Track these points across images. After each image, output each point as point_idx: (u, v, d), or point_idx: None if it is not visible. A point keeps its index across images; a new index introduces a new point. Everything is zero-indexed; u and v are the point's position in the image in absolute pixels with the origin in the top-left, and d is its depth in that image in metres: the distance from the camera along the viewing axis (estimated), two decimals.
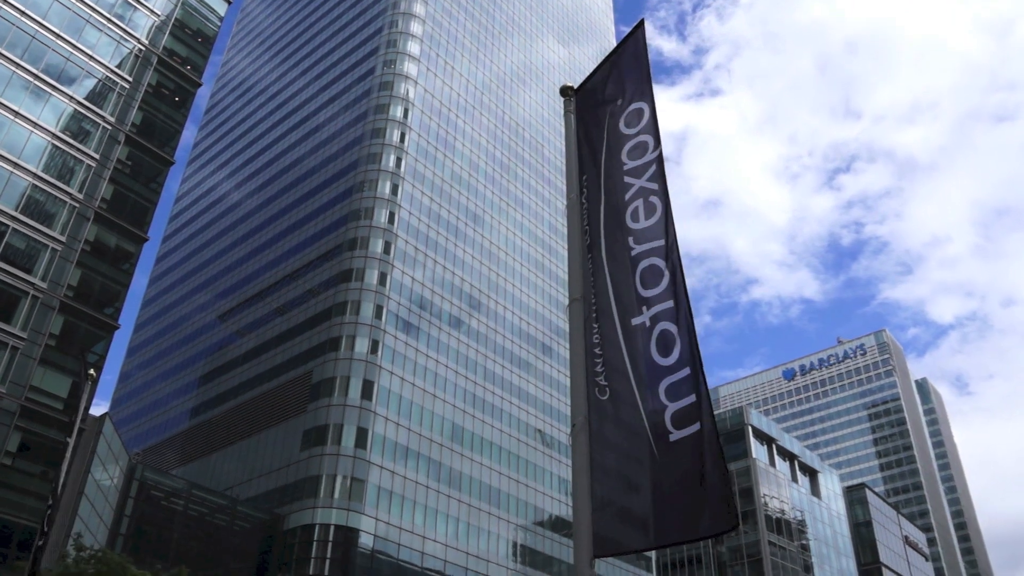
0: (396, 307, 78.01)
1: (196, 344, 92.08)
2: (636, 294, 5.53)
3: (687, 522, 4.72)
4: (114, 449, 59.16)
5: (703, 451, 4.79)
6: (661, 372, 5.18)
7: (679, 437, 4.93)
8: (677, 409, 4.99)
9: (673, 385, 5.08)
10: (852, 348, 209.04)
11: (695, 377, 5.02)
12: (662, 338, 5.26)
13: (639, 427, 5.09)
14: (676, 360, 5.13)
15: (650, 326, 5.41)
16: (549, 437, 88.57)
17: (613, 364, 5.40)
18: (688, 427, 4.90)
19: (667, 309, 5.36)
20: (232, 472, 76.49)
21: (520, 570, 78.77)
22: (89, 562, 33.60)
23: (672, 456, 4.89)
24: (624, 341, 5.40)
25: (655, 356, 5.25)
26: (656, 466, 4.92)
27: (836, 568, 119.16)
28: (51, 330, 50.53)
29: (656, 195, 5.78)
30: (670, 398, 5.05)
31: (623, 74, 6.47)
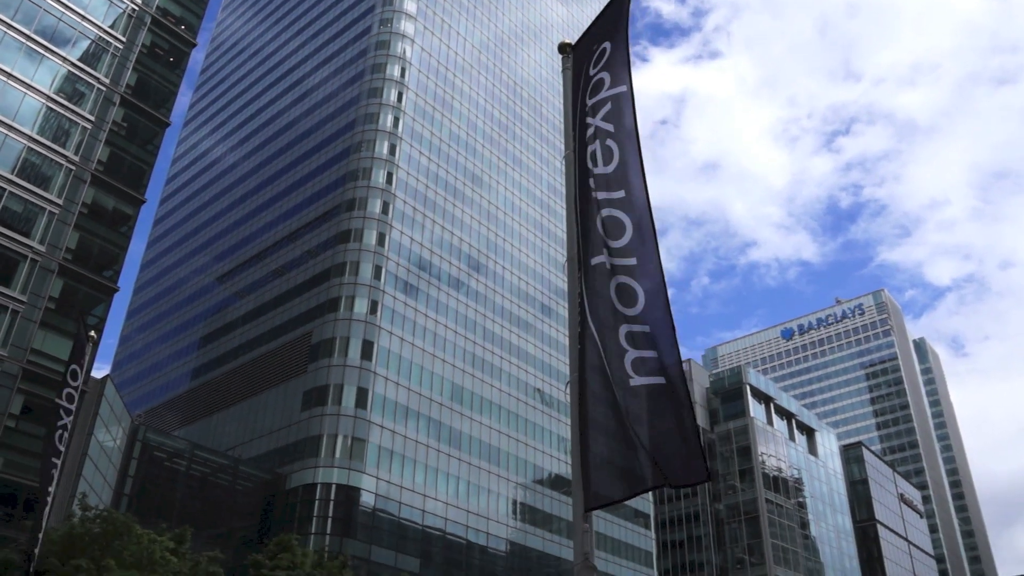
0: (395, 268, 78.06)
1: (196, 306, 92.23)
2: (598, 236, 5.48)
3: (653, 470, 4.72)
4: (116, 411, 59.54)
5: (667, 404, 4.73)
6: (621, 318, 5.10)
7: (639, 383, 4.88)
8: (637, 357, 4.92)
9: (632, 334, 4.99)
10: (850, 308, 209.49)
11: (658, 334, 4.88)
12: (622, 289, 5.19)
13: (602, 370, 5.07)
14: (638, 313, 5.04)
15: (610, 270, 5.35)
16: (548, 396, 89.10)
17: (588, 309, 5.40)
18: (650, 377, 4.85)
19: (628, 266, 5.26)
20: (233, 433, 77.05)
21: (520, 528, 79.67)
22: (95, 521, 33.96)
23: (633, 401, 4.86)
24: (586, 282, 5.38)
25: (615, 301, 5.18)
26: (620, 411, 4.90)
27: (832, 525, 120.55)
28: (50, 293, 50.60)
29: (612, 138, 5.61)
30: (631, 344, 4.99)
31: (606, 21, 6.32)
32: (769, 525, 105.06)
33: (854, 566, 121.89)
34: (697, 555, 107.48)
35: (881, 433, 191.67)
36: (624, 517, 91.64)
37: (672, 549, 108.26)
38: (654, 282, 5.10)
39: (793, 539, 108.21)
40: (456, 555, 73.01)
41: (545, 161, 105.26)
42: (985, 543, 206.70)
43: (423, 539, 70.80)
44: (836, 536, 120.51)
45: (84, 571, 29.32)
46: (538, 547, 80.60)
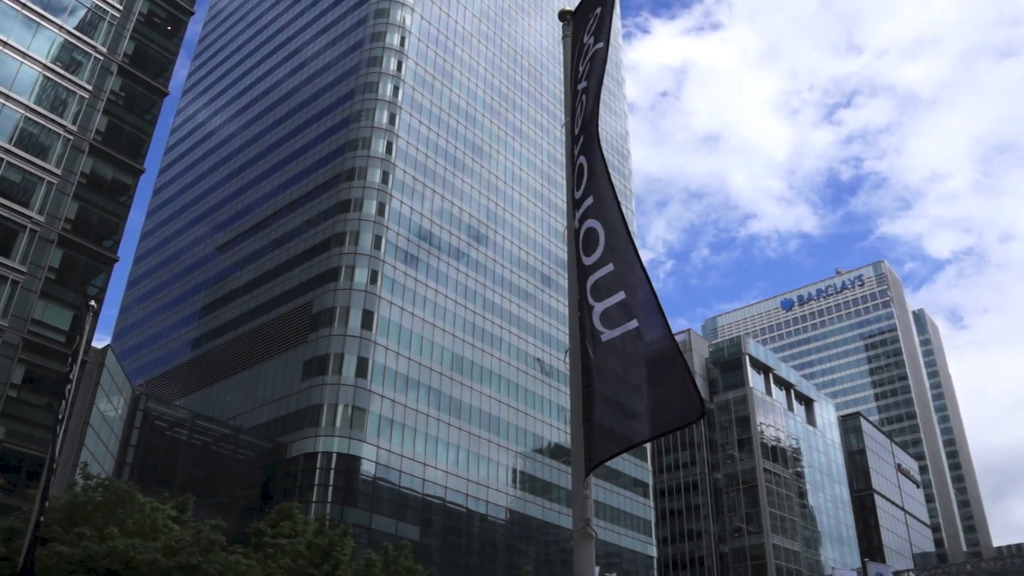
0: (395, 237, 77.98)
1: (195, 276, 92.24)
2: (573, 198, 5.49)
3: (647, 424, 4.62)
4: (117, 381, 59.72)
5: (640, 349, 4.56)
6: (586, 271, 4.99)
7: (612, 336, 4.73)
8: (604, 308, 4.74)
9: (597, 283, 4.82)
10: (850, 279, 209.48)
11: (621, 272, 4.77)
12: (587, 236, 5.07)
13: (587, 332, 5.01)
14: (598, 257, 4.87)
15: (578, 227, 5.32)
16: (548, 366, 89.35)
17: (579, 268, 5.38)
18: (621, 326, 4.67)
19: (590, 206, 5.17)
20: (234, 402, 77.35)
21: (520, 496, 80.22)
22: (97, 490, 34.17)
23: (614, 356, 4.70)
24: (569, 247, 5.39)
25: (582, 256, 5.10)
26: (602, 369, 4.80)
27: (830, 495, 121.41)
28: (50, 263, 50.58)
29: (587, 92, 5.56)
30: (595, 297, 4.83)
31: None
32: (767, 494, 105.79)
33: (851, 535, 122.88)
34: (695, 524, 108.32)
35: (879, 404, 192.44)
36: (623, 486, 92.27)
37: (671, 518, 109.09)
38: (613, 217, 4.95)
39: (791, 508, 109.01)
40: (456, 523, 73.60)
41: (545, 131, 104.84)
42: (980, 513, 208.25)
43: (423, 507, 71.33)
44: (833, 505, 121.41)
45: (87, 539, 29.55)
46: (537, 515, 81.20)
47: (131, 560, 29.24)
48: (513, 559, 74.27)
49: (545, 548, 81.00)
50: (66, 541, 29.43)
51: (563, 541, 79.96)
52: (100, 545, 29.34)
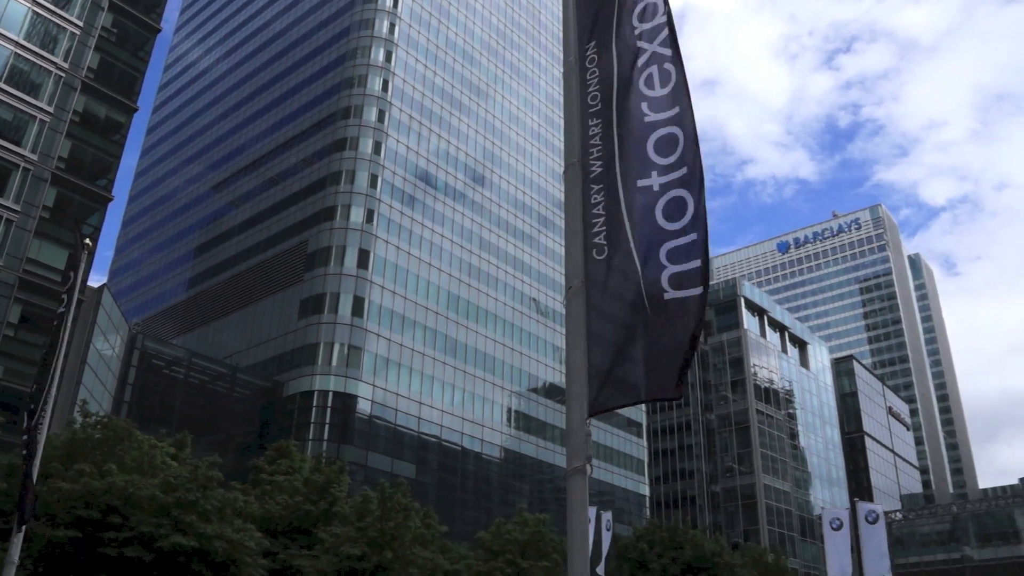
0: (392, 177, 77.56)
1: (190, 215, 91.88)
2: (647, 158, 5.49)
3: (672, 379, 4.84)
4: (114, 319, 59.85)
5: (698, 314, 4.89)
6: (665, 236, 5.21)
7: (674, 296, 5.00)
8: (677, 272, 5.03)
9: (676, 249, 5.11)
10: (847, 222, 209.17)
11: (702, 244, 5.07)
12: (673, 203, 5.26)
13: (635, 285, 5.14)
14: (684, 226, 5.15)
15: (659, 191, 5.40)
16: (544, 307, 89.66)
17: (613, 225, 5.41)
18: (688, 289, 4.98)
19: (681, 176, 5.35)
20: (231, 341, 77.67)
21: (515, 435, 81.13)
22: (95, 427, 34.44)
23: (665, 315, 4.97)
24: (626, 202, 5.40)
25: (660, 220, 5.26)
26: (648, 324, 5.00)
27: (821, 436, 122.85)
28: (44, 202, 50.29)
29: (670, 62, 5.66)
30: (671, 260, 5.10)
31: None
32: (759, 435, 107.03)
33: (840, 476, 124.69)
34: (688, 463, 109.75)
35: (872, 347, 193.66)
36: (617, 426, 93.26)
37: (663, 457, 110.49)
38: (699, 191, 5.26)
39: (782, 449, 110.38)
40: (451, 461, 74.51)
41: (544, 70, 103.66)
42: (968, 456, 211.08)
43: (419, 446, 72.14)
44: (824, 447, 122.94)
45: (87, 475, 29.87)
46: (532, 454, 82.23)
47: (130, 496, 29.59)
48: (508, 497, 75.36)
49: (539, 486, 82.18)
50: (66, 477, 29.75)
51: (557, 479, 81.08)
52: (100, 481, 29.67)
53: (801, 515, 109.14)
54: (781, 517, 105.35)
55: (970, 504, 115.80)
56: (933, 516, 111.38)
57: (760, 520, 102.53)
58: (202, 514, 30.42)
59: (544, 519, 47.20)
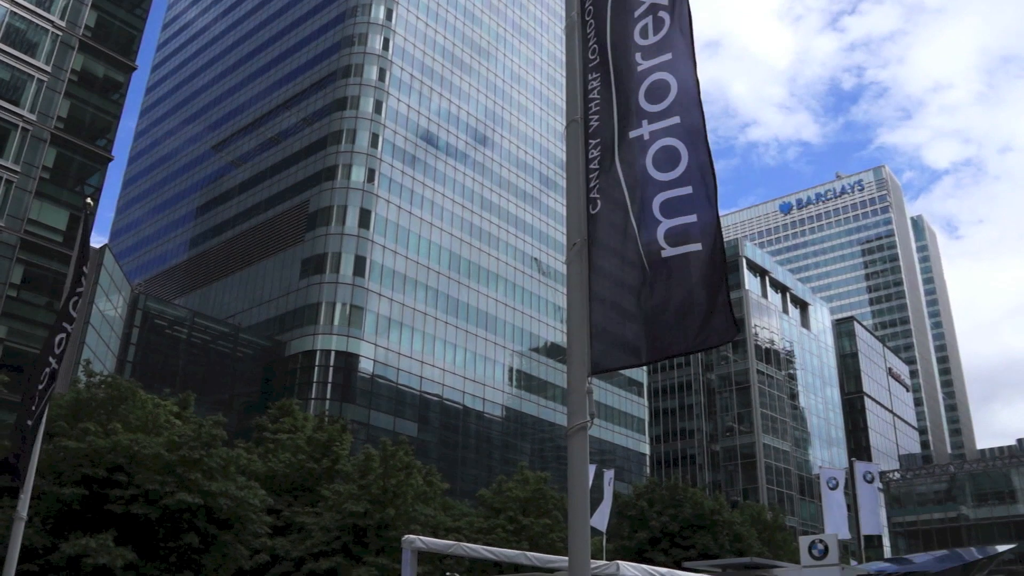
0: (393, 136, 77.20)
1: (191, 175, 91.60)
2: (638, 108, 5.42)
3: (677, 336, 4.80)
4: (116, 280, 59.96)
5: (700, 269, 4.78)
6: (657, 187, 5.10)
7: (673, 254, 4.91)
8: (673, 226, 4.91)
9: (670, 202, 4.98)
10: (850, 184, 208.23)
11: (699, 196, 4.92)
12: (663, 153, 5.15)
13: (632, 243, 5.09)
14: (677, 177, 5.04)
15: (648, 139, 5.31)
16: (546, 266, 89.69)
17: (609, 180, 5.37)
18: (686, 245, 4.86)
19: (672, 125, 5.24)
20: (233, 301, 77.84)
21: (516, 394, 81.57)
22: (100, 387, 34.66)
23: (665, 273, 4.89)
24: (620, 156, 5.35)
25: (651, 170, 5.17)
26: (648, 283, 4.94)
27: (821, 397, 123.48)
28: (44, 163, 50.13)
29: (665, 10, 5.57)
30: (665, 215, 4.99)
31: None
32: (759, 395, 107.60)
33: (840, 436, 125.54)
34: (688, 423, 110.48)
35: (873, 308, 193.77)
36: (618, 385, 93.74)
37: (664, 416, 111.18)
38: (698, 141, 5.11)
39: (782, 409, 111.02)
40: (453, 420, 75.04)
41: (546, 28, 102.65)
42: (967, 417, 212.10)
43: (421, 404, 72.60)
44: (824, 407, 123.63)
45: (92, 434, 30.11)
46: (533, 413, 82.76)
47: (135, 454, 29.87)
48: (509, 455, 75.99)
49: (540, 445, 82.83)
50: (72, 436, 30.01)
51: (558, 438, 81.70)
52: (105, 440, 29.92)
53: (800, 474, 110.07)
54: (780, 476, 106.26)
55: (967, 464, 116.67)
56: (931, 476, 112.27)
57: (759, 479, 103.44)
58: (206, 472, 30.72)
59: (545, 477, 47.61)
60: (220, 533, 31.57)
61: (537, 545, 39.29)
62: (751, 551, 54.11)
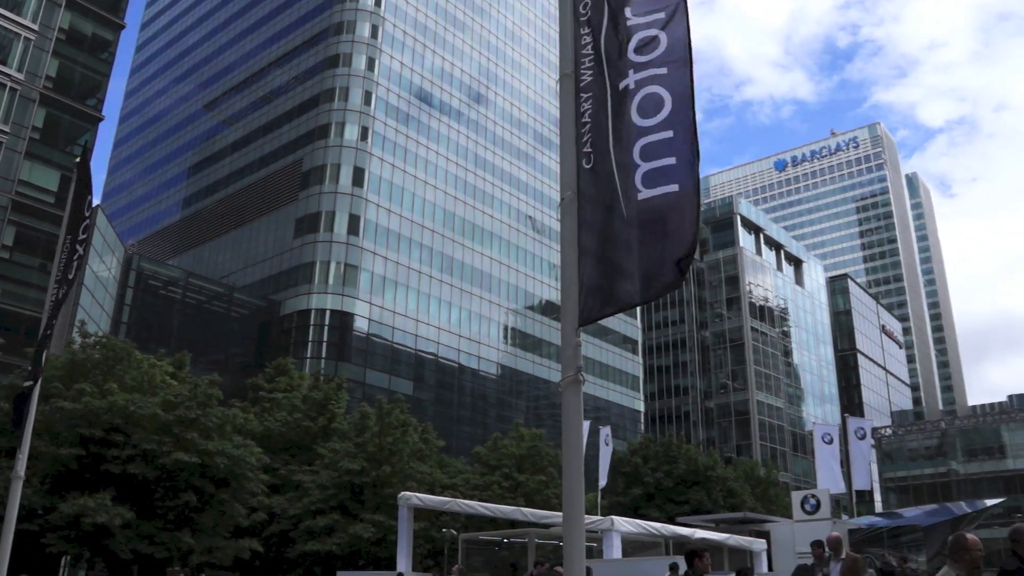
0: (386, 94, 76.55)
1: (183, 135, 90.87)
2: (627, 60, 5.41)
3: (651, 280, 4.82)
4: (109, 241, 59.73)
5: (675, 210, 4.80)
6: (639, 132, 5.11)
7: (648, 196, 4.93)
8: (650, 168, 4.93)
9: (650, 145, 4.99)
10: (845, 141, 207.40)
11: (679, 141, 4.93)
12: (647, 100, 5.15)
13: (612, 189, 5.12)
14: (659, 122, 5.05)
15: (634, 88, 5.30)
16: (540, 224, 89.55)
17: (599, 133, 5.37)
18: (661, 187, 4.89)
19: (658, 75, 5.24)
20: (227, 261, 77.69)
21: (510, 352, 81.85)
22: (95, 348, 34.71)
23: (639, 216, 4.91)
24: (611, 106, 5.34)
25: (634, 117, 5.17)
26: (625, 227, 4.97)
27: (814, 354, 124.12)
28: (34, 123, 49.64)
29: None
30: (644, 158, 5.01)
31: None
32: (753, 352, 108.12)
33: (833, 393, 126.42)
34: (682, 380, 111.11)
35: (867, 266, 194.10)
36: (613, 343, 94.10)
37: (658, 374, 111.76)
38: (683, 90, 5.11)
39: (776, 366, 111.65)
40: (448, 378, 75.36)
41: None
42: (959, 374, 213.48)
43: (416, 363, 72.84)
44: (818, 364, 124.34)
45: (88, 394, 30.22)
46: (528, 370, 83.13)
47: (132, 415, 30.00)
48: (504, 412, 76.46)
49: (535, 402, 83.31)
50: (68, 397, 30.10)
51: (553, 395, 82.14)
52: (101, 401, 30.04)
53: (793, 431, 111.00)
54: (773, 432, 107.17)
55: (958, 421, 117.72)
56: (922, 432, 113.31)
57: (753, 435, 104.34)
58: (203, 431, 30.91)
59: (540, 434, 47.98)
60: (217, 492, 31.85)
61: (532, 501, 39.70)
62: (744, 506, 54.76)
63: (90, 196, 11.32)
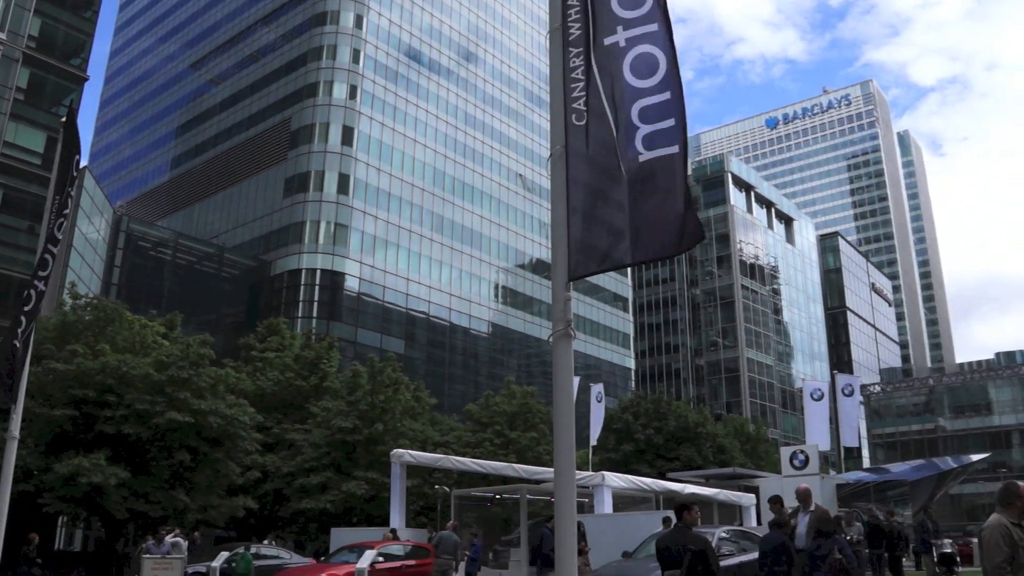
0: (374, 51, 75.79)
1: (170, 95, 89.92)
2: (612, 14, 5.38)
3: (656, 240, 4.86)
4: (97, 202, 59.35)
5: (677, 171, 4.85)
6: (636, 93, 5.12)
7: (649, 157, 4.96)
8: (651, 131, 4.96)
9: (649, 108, 5.01)
10: (837, 98, 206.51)
11: (676, 102, 4.98)
12: (641, 60, 5.15)
13: (611, 149, 5.12)
14: (656, 84, 5.06)
15: (625, 47, 5.28)
16: (531, 182, 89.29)
17: (590, 89, 5.36)
18: (662, 148, 4.92)
19: (649, 32, 5.22)
20: (216, 221, 77.37)
21: (501, 310, 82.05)
22: (86, 309, 34.66)
23: (641, 177, 4.95)
24: (597, 63, 5.34)
25: (628, 77, 5.18)
26: (624, 188, 5.00)
27: (804, 312, 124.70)
28: (17, 83, 48.98)
29: None
30: (644, 120, 5.03)
31: None
32: (743, 310, 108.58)
33: (822, 350, 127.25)
34: (673, 337, 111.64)
35: (858, 224, 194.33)
36: (604, 300, 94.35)
37: (649, 331, 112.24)
38: (671, 48, 5.14)
39: (766, 324, 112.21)
40: (440, 337, 75.56)
41: None
42: (947, 332, 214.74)
43: (407, 322, 72.97)
44: (808, 322, 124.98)
45: (80, 356, 30.22)
46: (519, 328, 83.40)
47: (124, 375, 30.04)
48: (495, 370, 76.80)
49: (526, 360, 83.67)
50: (60, 359, 30.11)
51: (544, 353, 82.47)
52: (93, 361, 30.05)
53: (783, 388, 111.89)
54: (763, 390, 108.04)
55: (946, 378, 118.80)
56: (910, 389, 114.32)
57: (743, 392, 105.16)
58: (196, 391, 30.99)
59: (532, 392, 48.25)
60: (211, 451, 32.02)
61: (524, 458, 40.05)
62: (734, 462, 55.34)
63: (78, 156, 11.26)
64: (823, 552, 10.71)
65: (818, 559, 10.75)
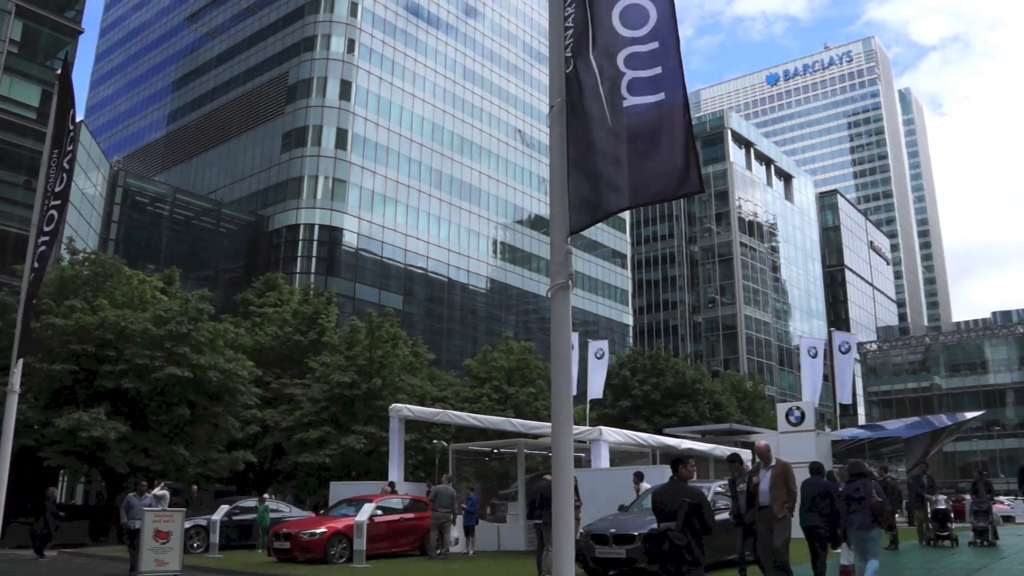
0: (372, 4, 74.88)
1: (165, 48, 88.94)
2: None
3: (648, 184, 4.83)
4: (93, 157, 58.96)
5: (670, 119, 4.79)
6: (623, 42, 5.07)
7: (633, 103, 4.91)
8: (636, 77, 4.90)
9: (636, 55, 4.94)
10: (838, 55, 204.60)
11: (665, 51, 4.91)
12: (630, 10, 5.11)
13: (596, 96, 5.09)
14: (645, 34, 5.02)
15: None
16: (530, 137, 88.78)
17: (581, 39, 5.32)
18: (647, 95, 4.87)
19: None
20: (214, 176, 77.02)
21: (500, 266, 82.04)
22: (83, 264, 34.62)
23: (624, 122, 4.90)
24: (590, 13, 5.29)
25: (617, 26, 5.12)
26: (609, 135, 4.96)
27: (803, 269, 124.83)
28: (11, 36, 48.38)
29: None
30: (629, 66, 4.97)
31: None
32: (742, 267, 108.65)
33: (820, 308, 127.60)
34: (671, 294, 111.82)
35: (858, 182, 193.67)
36: (602, 257, 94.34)
37: (647, 288, 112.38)
38: (667, 5, 5.07)
39: (764, 281, 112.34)
40: (438, 292, 75.64)
41: None
42: (945, 291, 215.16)
43: (406, 277, 73.00)
44: (805, 279, 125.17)
45: (79, 311, 30.25)
46: (517, 284, 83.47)
47: (123, 330, 30.09)
48: (493, 326, 76.98)
49: (524, 316, 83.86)
50: (58, 314, 30.12)
51: (542, 309, 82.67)
52: (92, 316, 30.08)
53: (780, 345, 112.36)
54: (760, 347, 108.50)
55: (942, 336, 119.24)
56: (907, 347, 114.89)
57: (740, 349, 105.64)
58: (194, 346, 31.05)
59: (530, 347, 48.40)
60: (210, 405, 32.19)
61: (522, 413, 40.32)
62: (730, 418, 55.83)
63: (73, 110, 11.17)
64: (861, 494, 10.91)
65: (854, 500, 10.96)
